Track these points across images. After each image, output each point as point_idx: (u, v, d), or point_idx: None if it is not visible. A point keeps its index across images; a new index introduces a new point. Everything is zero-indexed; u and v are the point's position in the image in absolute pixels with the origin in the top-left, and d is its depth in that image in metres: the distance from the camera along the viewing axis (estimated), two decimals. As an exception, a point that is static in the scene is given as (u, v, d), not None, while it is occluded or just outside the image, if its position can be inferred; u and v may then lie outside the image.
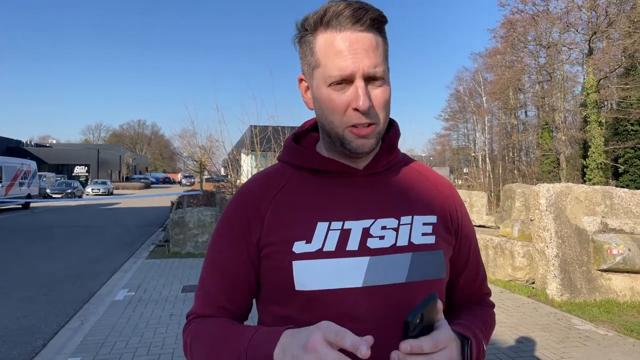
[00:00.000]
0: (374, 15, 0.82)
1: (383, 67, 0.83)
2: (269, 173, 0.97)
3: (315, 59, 0.85)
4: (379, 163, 0.94)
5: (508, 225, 7.40)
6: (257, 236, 0.89)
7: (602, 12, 25.17)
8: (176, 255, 9.05)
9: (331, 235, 0.86)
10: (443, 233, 0.94)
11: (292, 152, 0.97)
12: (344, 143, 0.86)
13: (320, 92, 0.86)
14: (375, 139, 0.87)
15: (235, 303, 0.93)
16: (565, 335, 4.56)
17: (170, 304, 5.67)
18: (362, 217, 0.88)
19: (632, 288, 5.76)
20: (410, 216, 0.91)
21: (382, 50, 0.85)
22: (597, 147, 24.41)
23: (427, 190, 0.97)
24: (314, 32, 0.85)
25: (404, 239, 0.88)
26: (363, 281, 0.83)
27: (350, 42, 0.81)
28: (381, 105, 0.84)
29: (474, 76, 38.69)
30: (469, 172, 29.08)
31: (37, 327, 5.06)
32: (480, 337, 0.90)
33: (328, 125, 0.87)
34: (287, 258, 0.85)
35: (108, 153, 60.43)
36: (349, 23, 0.81)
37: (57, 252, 9.80)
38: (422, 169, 1.02)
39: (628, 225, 5.99)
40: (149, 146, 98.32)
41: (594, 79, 25.01)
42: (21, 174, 22.69)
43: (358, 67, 0.81)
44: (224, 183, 13.83)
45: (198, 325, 0.91)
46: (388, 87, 0.86)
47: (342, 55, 0.81)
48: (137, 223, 15.87)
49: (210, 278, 0.94)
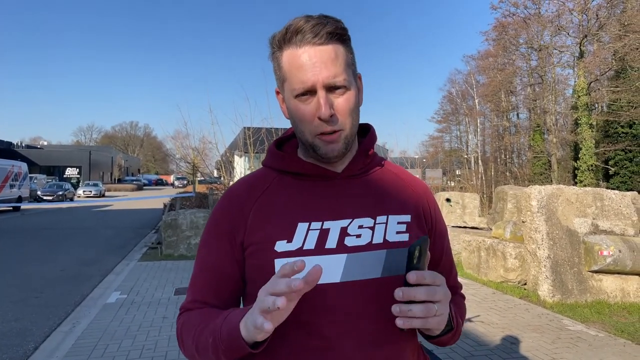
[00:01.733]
0: (331, 29, 0.88)
1: (344, 75, 0.89)
2: (253, 177, 1.04)
3: (282, 73, 0.92)
4: (356, 166, 1.00)
5: (500, 227, 7.44)
6: (241, 236, 0.95)
7: (593, 15, 25.39)
8: (169, 257, 9.02)
9: (311, 235, 0.91)
10: (417, 231, 0.99)
11: (275, 157, 1.03)
12: (315, 149, 0.93)
13: (290, 104, 0.93)
14: (344, 143, 0.92)
15: (222, 300, 0.98)
16: (557, 336, 4.60)
17: (162, 306, 5.64)
18: (340, 217, 0.94)
19: (622, 289, 5.82)
20: (385, 216, 0.97)
21: (343, 60, 0.90)
22: (588, 149, 24.61)
23: (402, 191, 1.04)
24: (280, 49, 0.92)
25: (379, 237, 0.94)
26: (341, 277, 0.89)
27: (309, 55, 0.87)
28: (344, 112, 0.90)
29: (466, 78, 38.95)
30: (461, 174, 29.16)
31: (29, 330, 5.02)
32: (455, 310, 0.96)
33: (300, 133, 0.94)
34: (270, 256, 0.90)
35: (100, 155, 60.03)
36: (308, 38, 0.87)
37: (49, 255, 9.72)
38: (397, 171, 1.09)
39: (618, 227, 6.05)
40: (141, 148, 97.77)
41: (585, 81, 25.23)
42: (12, 176, 22.48)
43: (317, 79, 0.87)
44: (217, 185, 13.79)
45: (187, 316, 0.98)
46: (352, 94, 0.91)
47: (303, 69, 0.88)
48: (129, 225, 15.78)
49: (200, 275, 1.01)
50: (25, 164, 25.26)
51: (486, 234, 8.23)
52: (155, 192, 43.23)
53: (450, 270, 1.12)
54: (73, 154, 55.33)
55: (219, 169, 13.75)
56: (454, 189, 21.54)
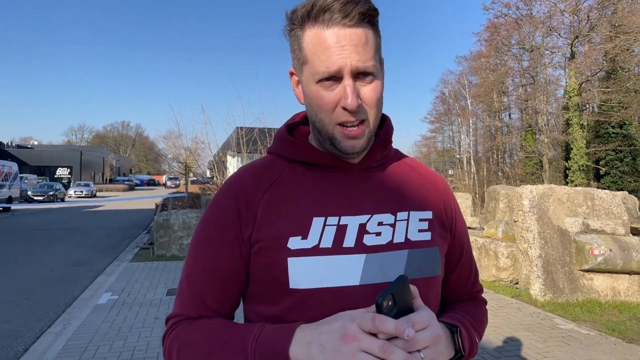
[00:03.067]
0: (363, 9, 0.79)
1: (373, 62, 0.80)
2: (259, 166, 0.93)
3: (304, 54, 0.83)
4: (373, 158, 0.91)
5: (492, 227, 7.47)
6: (249, 231, 0.85)
7: (584, 16, 25.62)
8: (161, 258, 8.97)
9: (327, 231, 0.83)
10: (439, 229, 0.92)
11: (285, 144, 0.93)
12: (334, 142, 0.84)
13: (309, 89, 0.83)
14: (366, 139, 0.85)
15: (224, 303, 0.88)
16: (549, 334, 4.62)
17: (154, 307, 5.61)
18: (358, 212, 0.86)
19: (613, 288, 5.86)
20: (406, 212, 0.89)
21: (373, 45, 0.81)
22: (579, 149, 24.80)
23: (421, 186, 0.96)
24: (302, 27, 0.82)
25: (401, 235, 0.86)
26: (360, 279, 0.81)
27: (337, 38, 0.78)
28: (372, 103, 0.82)
29: (458, 79, 39.12)
30: (454, 173, 29.32)
31: (18, 331, 4.96)
32: (470, 329, 0.88)
33: (318, 122, 0.85)
34: (282, 254, 0.81)
35: (91, 155, 59.67)
36: (337, 18, 0.78)
37: (39, 255, 9.63)
38: (415, 165, 1.01)
39: (609, 226, 6.10)
40: (133, 148, 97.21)
41: (576, 82, 25.43)
42: (2, 176, 22.28)
43: (346, 63, 0.78)
44: (210, 185, 13.74)
45: (187, 328, 0.85)
46: (379, 83, 0.83)
47: (330, 52, 0.78)
48: (121, 226, 15.67)
49: (197, 277, 0.88)
50: (15, 164, 25.05)
51: (478, 233, 8.26)
52: (147, 193, 43.00)
53: (470, 274, 1.04)
54: (64, 154, 54.93)
55: (211, 169, 13.70)
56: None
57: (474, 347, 0.87)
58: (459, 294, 1.03)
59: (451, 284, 1.01)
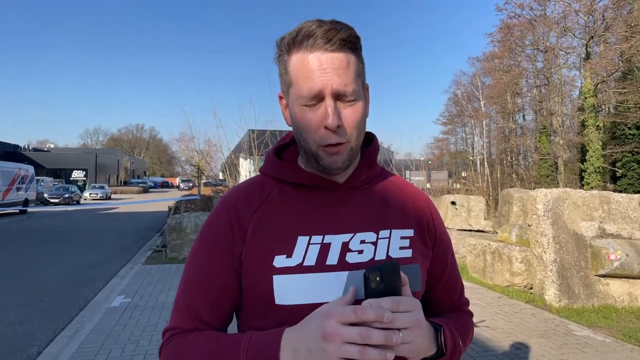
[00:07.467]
0: (344, 36, 0.84)
1: (354, 85, 0.85)
2: (250, 186, 0.99)
3: (290, 78, 0.88)
4: (359, 177, 0.96)
5: (506, 230, 7.38)
6: (240, 249, 0.90)
7: (599, 16, 25.25)
8: (173, 260, 9.02)
9: (311, 250, 0.87)
10: (420, 246, 0.96)
11: (274, 166, 0.98)
12: (318, 160, 0.88)
13: (295, 111, 0.88)
14: (348, 155, 0.88)
15: (219, 316, 0.92)
16: (563, 341, 4.54)
17: (167, 310, 5.63)
18: (341, 231, 0.90)
19: (630, 293, 5.75)
20: (388, 230, 0.93)
21: (354, 70, 0.86)
22: (595, 151, 24.45)
23: (404, 204, 1.00)
24: (289, 52, 0.87)
25: (382, 253, 0.90)
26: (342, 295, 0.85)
27: (320, 61, 0.83)
28: (352, 124, 0.86)
29: (471, 80, 38.71)
30: (467, 176, 29.05)
31: (32, 334, 5.02)
32: (454, 332, 0.92)
33: (303, 142, 0.89)
34: (268, 272, 0.86)
35: (106, 157, 60.35)
36: (320, 43, 0.83)
37: (53, 258, 9.76)
38: (399, 183, 1.05)
39: (626, 231, 5.99)
40: (147, 150, 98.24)
41: (592, 83, 25.09)
42: (19, 179, 22.64)
43: (327, 85, 0.83)
44: (222, 187, 13.81)
45: (182, 341, 0.88)
46: (360, 105, 0.87)
47: (313, 74, 0.83)
48: (134, 228, 15.82)
49: (194, 290, 0.92)
50: (32, 167, 25.44)
51: (492, 237, 8.17)
52: (160, 195, 43.39)
53: (455, 288, 1.08)
54: (79, 157, 55.67)
55: (224, 171, 13.76)
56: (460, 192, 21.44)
57: (456, 349, 0.90)
58: (443, 307, 1.06)
59: (436, 298, 1.05)
